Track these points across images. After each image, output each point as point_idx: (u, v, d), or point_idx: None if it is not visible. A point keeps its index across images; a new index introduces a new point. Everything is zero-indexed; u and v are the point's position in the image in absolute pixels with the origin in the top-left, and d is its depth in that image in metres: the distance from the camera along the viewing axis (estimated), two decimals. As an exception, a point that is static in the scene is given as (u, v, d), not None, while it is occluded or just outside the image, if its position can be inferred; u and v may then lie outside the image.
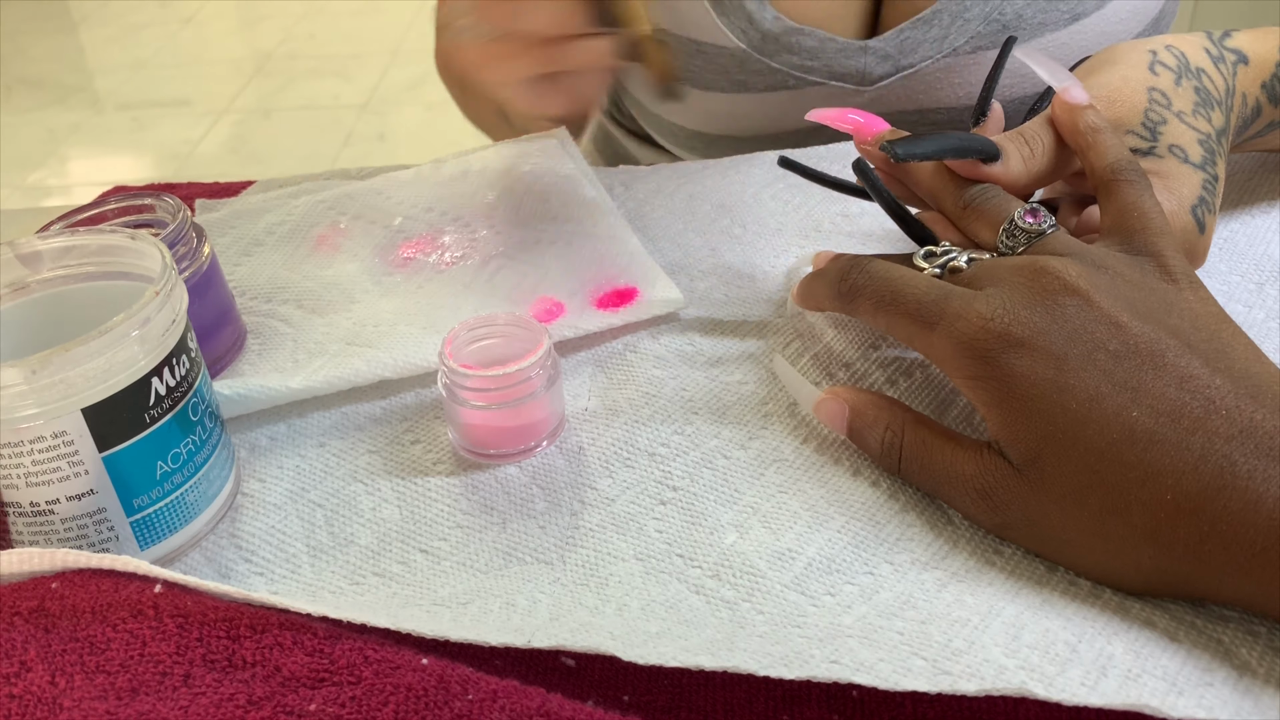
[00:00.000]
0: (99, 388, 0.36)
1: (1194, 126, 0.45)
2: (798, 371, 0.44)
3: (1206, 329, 0.36)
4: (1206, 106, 0.46)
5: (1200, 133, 0.45)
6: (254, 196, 0.60)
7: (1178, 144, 0.45)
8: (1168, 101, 0.45)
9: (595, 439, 0.44)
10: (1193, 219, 0.44)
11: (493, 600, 0.37)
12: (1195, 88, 0.46)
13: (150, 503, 0.38)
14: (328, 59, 2.80)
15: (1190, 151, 0.45)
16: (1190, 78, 0.46)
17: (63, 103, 2.71)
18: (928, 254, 0.42)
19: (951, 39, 0.63)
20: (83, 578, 0.34)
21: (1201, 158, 0.45)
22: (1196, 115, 0.45)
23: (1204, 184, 0.44)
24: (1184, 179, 0.44)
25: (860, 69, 0.65)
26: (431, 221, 0.56)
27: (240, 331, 0.50)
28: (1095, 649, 0.32)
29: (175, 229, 0.45)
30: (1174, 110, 0.45)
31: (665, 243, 0.56)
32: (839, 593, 0.36)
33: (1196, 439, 0.33)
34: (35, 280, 0.42)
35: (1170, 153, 0.44)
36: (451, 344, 0.43)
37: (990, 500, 0.36)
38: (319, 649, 0.32)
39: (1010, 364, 0.36)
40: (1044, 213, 0.40)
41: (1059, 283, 0.37)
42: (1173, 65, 0.46)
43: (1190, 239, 0.44)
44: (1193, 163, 0.44)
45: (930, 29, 0.63)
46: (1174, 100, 0.45)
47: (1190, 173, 0.44)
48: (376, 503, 0.41)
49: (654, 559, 0.38)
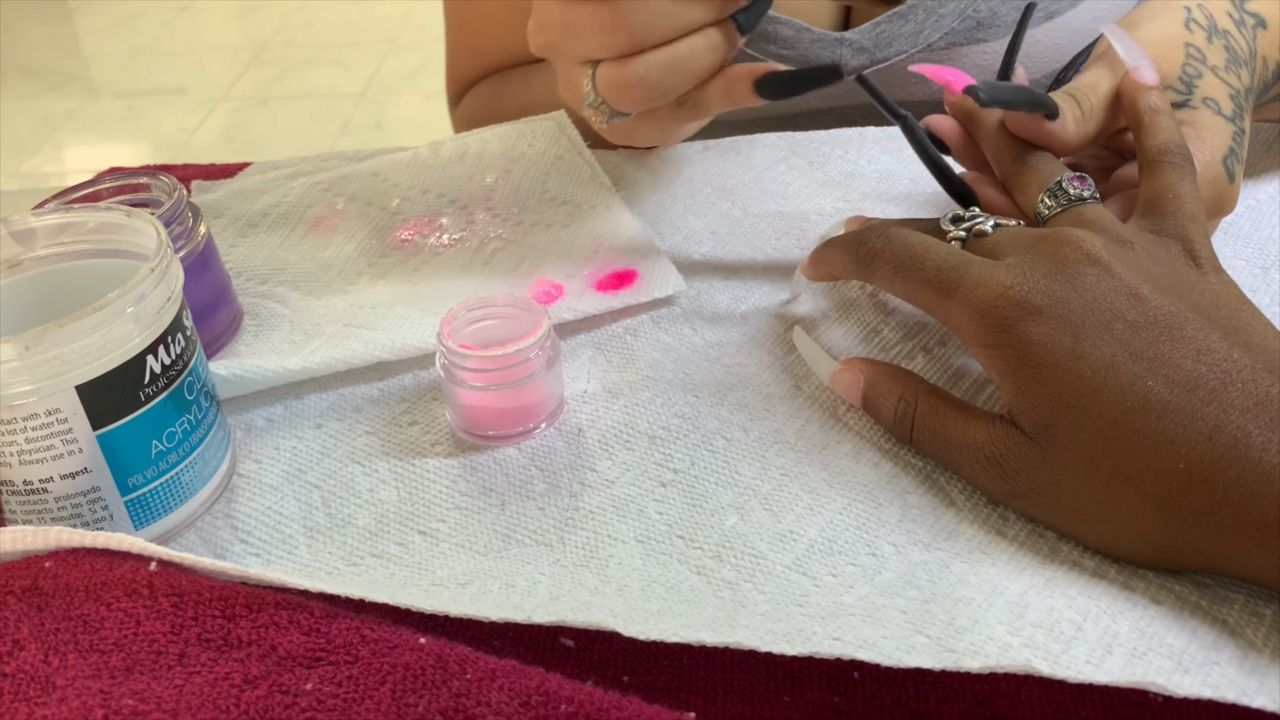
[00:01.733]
0: (93, 365, 0.35)
1: (1226, 81, 0.46)
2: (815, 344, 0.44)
3: (1227, 307, 0.36)
4: (1236, 64, 0.47)
5: (1231, 87, 0.46)
6: (250, 178, 0.59)
7: (1211, 96, 0.45)
8: (1202, 56, 0.46)
9: (595, 421, 0.43)
10: (1223, 169, 0.44)
11: (492, 581, 0.36)
12: (1225, 46, 0.47)
13: (145, 482, 0.38)
14: (325, 47, 2.79)
15: (1222, 104, 0.45)
16: (1219, 37, 0.47)
17: (58, 90, 2.70)
18: (954, 218, 0.42)
19: (926, 34, 0.63)
20: (76, 556, 0.34)
21: (1232, 111, 0.45)
22: (1229, 71, 0.46)
23: (1234, 136, 0.45)
24: (1216, 130, 0.44)
25: (835, 60, 0.65)
26: (429, 204, 0.56)
27: (236, 312, 0.49)
28: (1100, 627, 0.32)
29: (171, 207, 0.45)
30: (1209, 65, 0.46)
31: (665, 225, 0.55)
32: (841, 573, 0.35)
33: (1211, 410, 0.33)
34: (29, 258, 0.41)
35: (1204, 105, 0.45)
36: (450, 324, 0.43)
37: (1001, 468, 0.36)
38: (315, 628, 0.31)
39: (1027, 332, 0.36)
40: (1090, 182, 0.42)
41: (1080, 252, 0.37)
42: (1204, 23, 0.47)
43: (1221, 188, 0.44)
44: (1224, 115, 0.45)
45: (905, 23, 0.62)
46: (1208, 55, 0.46)
47: (1222, 124, 0.45)
48: (374, 484, 0.41)
49: (654, 541, 0.37)
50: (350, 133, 2.35)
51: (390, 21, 2.86)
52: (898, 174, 0.58)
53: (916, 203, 0.55)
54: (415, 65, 2.64)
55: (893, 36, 0.63)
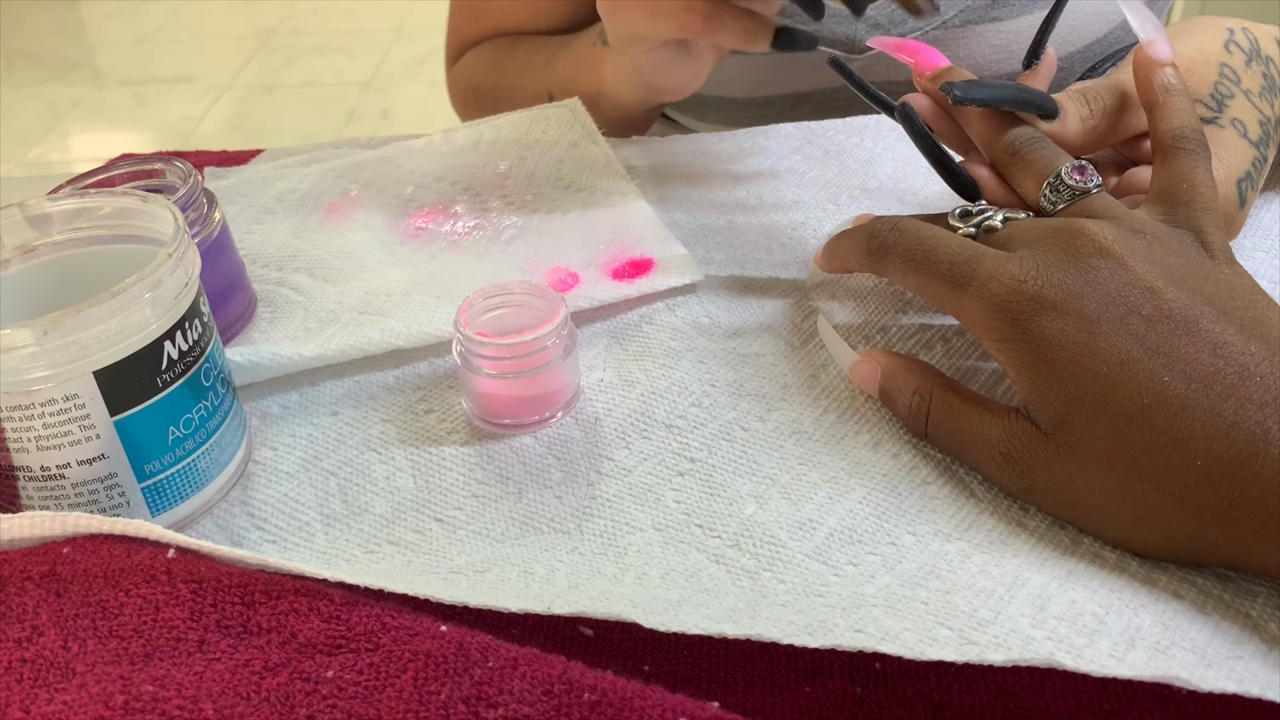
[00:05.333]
0: (111, 350, 0.35)
1: (1257, 106, 0.45)
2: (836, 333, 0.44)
3: (1242, 298, 0.36)
4: (1271, 92, 0.46)
5: (1262, 114, 0.45)
6: (264, 165, 0.59)
7: (1240, 118, 0.45)
8: (1237, 79, 0.45)
9: (611, 410, 0.43)
10: (1236, 191, 0.44)
11: (510, 569, 0.36)
12: (1263, 73, 0.46)
13: (162, 468, 0.38)
14: (331, 35, 2.78)
15: (1250, 128, 0.45)
16: (1260, 63, 0.46)
17: (64, 78, 2.70)
18: (963, 213, 0.41)
19: (942, 11, 0.62)
20: (94, 543, 0.34)
21: (1259, 136, 0.45)
22: (1262, 98, 0.46)
23: (1254, 161, 0.44)
24: (1237, 151, 0.44)
25: (850, 35, 0.64)
26: (443, 191, 0.55)
27: (251, 299, 0.49)
28: (1123, 621, 0.32)
29: (187, 193, 0.44)
30: (1242, 88, 0.45)
31: (681, 214, 0.55)
32: (861, 563, 0.35)
33: (1229, 405, 0.32)
34: (45, 243, 0.41)
35: (1231, 125, 0.44)
36: (467, 312, 0.42)
37: (1016, 465, 0.36)
38: (335, 615, 0.31)
39: (1042, 326, 0.35)
40: (1091, 170, 0.40)
41: (1093, 245, 0.36)
42: (1245, 47, 0.46)
43: (1230, 210, 0.44)
44: (1249, 139, 0.45)
45: None
46: (1243, 79, 0.46)
47: (1245, 147, 0.44)
48: (390, 471, 0.41)
49: (673, 529, 0.37)
50: (356, 121, 2.35)
51: (396, 9, 2.86)
52: (915, 160, 0.57)
53: (935, 189, 0.55)
54: (422, 53, 2.64)
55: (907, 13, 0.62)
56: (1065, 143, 0.43)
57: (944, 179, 0.45)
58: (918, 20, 0.44)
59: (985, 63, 0.63)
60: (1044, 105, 0.42)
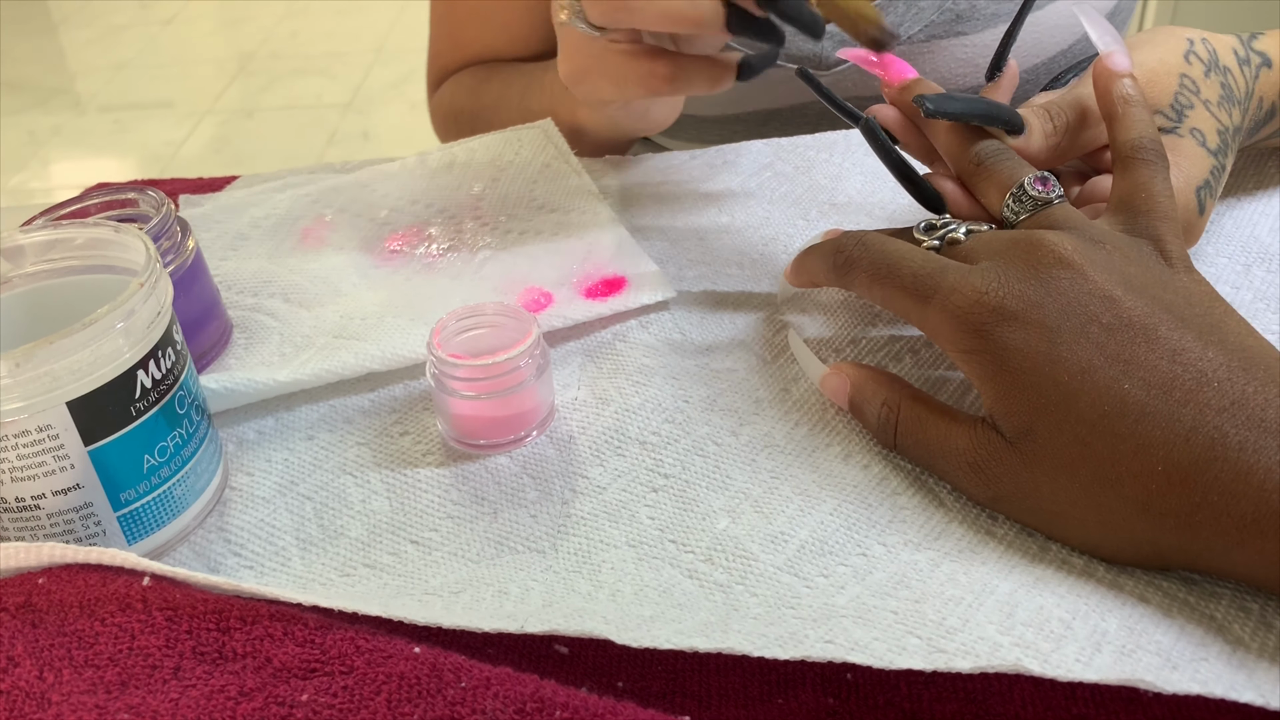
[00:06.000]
0: (84, 380, 0.35)
1: (1216, 116, 0.46)
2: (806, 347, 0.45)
3: (1200, 305, 0.36)
4: (1229, 102, 0.47)
5: (1220, 123, 0.46)
6: (238, 191, 0.60)
7: (1199, 128, 0.45)
8: (1197, 89, 0.46)
9: (586, 428, 0.43)
10: (1195, 199, 0.44)
11: (485, 589, 0.36)
12: (1221, 83, 0.47)
13: (137, 497, 0.38)
14: (311, 58, 2.79)
15: (1209, 137, 0.45)
16: (1218, 73, 0.47)
17: (44, 105, 2.70)
18: (927, 226, 0.42)
19: (906, 27, 0.63)
20: (70, 572, 0.34)
21: (1217, 145, 0.46)
22: (1220, 107, 0.46)
23: (1212, 170, 0.45)
24: (1196, 160, 0.45)
25: (817, 53, 0.65)
26: (418, 214, 0.56)
27: (226, 326, 0.49)
28: (1090, 625, 0.32)
29: (159, 222, 0.45)
30: (1201, 98, 0.46)
31: (653, 232, 0.55)
32: (832, 574, 0.36)
33: (1188, 411, 0.33)
34: (18, 275, 0.41)
35: (1191, 134, 0.45)
36: (440, 334, 0.43)
37: (983, 474, 0.36)
38: (310, 639, 0.31)
39: (1004, 337, 0.36)
40: (1054, 182, 0.41)
41: (1053, 256, 0.37)
42: (1205, 58, 0.47)
43: (1189, 217, 0.44)
44: (1208, 148, 0.45)
45: (885, 16, 0.63)
46: (1202, 89, 0.46)
47: (1203, 156, 0.45)
48: (366, 495, 0.41)
49: (646, 545, 0.38)
50: (337, 143, 2.35)
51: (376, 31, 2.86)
52: (883, 174, 0.58)
53: (903, 203, 0.56)
54: (402, 75, 2.64)
55: None
56: (1029, 157, 0.44)
57: (908, 191, 0.45)
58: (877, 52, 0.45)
59: (950, 76, 0.64)
60: (1011, 120, 0.43)
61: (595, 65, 0.47)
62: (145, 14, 3.15)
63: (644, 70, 0.46)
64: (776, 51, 0.47)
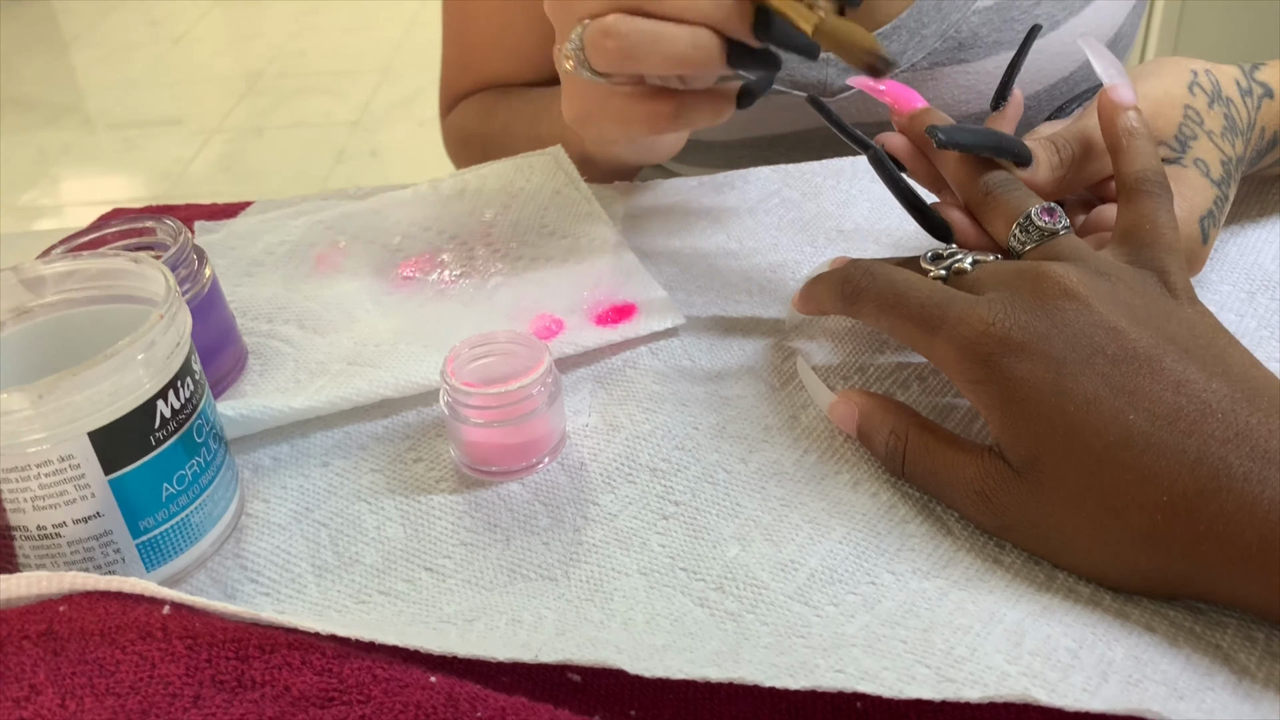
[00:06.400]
0: (105, 411, 0.36)
1: (1219, 147, 0.47)
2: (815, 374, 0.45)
3: (1204, 336, 0.37)
4: (1232, 133, 0.48)
5: (1224, 154, 0.47)
6: (253, 218, 0.60)
7: (1203, 158, 0.46)
8: (1200, 120, 0.47)
9: (597, 455, 0.44)
10: (1199, 228, 0.45)
11: (498, 617, 0.37)
12: (1225, 114, 0.48)
13: (156, 525, 0.38)
14: (319, 77, 2.81)
15: (1212, 168, 0.46)
16: (1221, 104, 0.48)
17: (54, 123, 2.72)
18: (934, 256, 0.43)
19: (909, 55, 0.64)
20: (90, 600, 0.34)
21: (1220, 176, 0.46)
22: (1224, 138, 0.47)
23: (1216, 200, 0.46)
24: (1199, 190, 0.45)
25: (821, 79, 0.66)
26: (430, 240, 0.57)
27: (242, 352, 0.50)
28: (1096, 654, 0.33)
29: (177, 251, 0.45)
30: (1205, 129, 0.47)
31: (662, 259, 0.56)
32: (841, 602, 0.36)
33: (1192, 442, 0.33)
34: (38, 304, 0.42)
35: (1195, 165, 0.46)
36: (454, 362, 0.43)
37: (991, 502, 0.37)
38: (328, 668, 0.32)
39: (1010, 368, 0.37)
40: (1060, 213, 0.42)
41: (1059, 287, 0.38)
42: (1208, 89, 0.48)
43: (1193, 246, 0.45)
44: (1212, 178, 0.46)
45: (889, 44, 0.64)
46: (1206, 120, 0.47)
47: (1207, 186, 0.45)
48: (381, 521, 0.42)
49: (658, 573, 0.38)
50: (345, 161, 2.37)
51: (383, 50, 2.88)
52: (889, 201, 0.59)
53: (909, 229, 0.56)
54: (409, 93, 2.66)
55: None
56: (1036, 188, 0.45)
57: (916, 220, 0.46)
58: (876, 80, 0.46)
59: (954, 103, 0.65)
60: (1019, 153, 0.44)
61: (599, 109, 0.48)
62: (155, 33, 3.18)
63: (648, 110, 0.47)
64: (773, 76, 0.48)
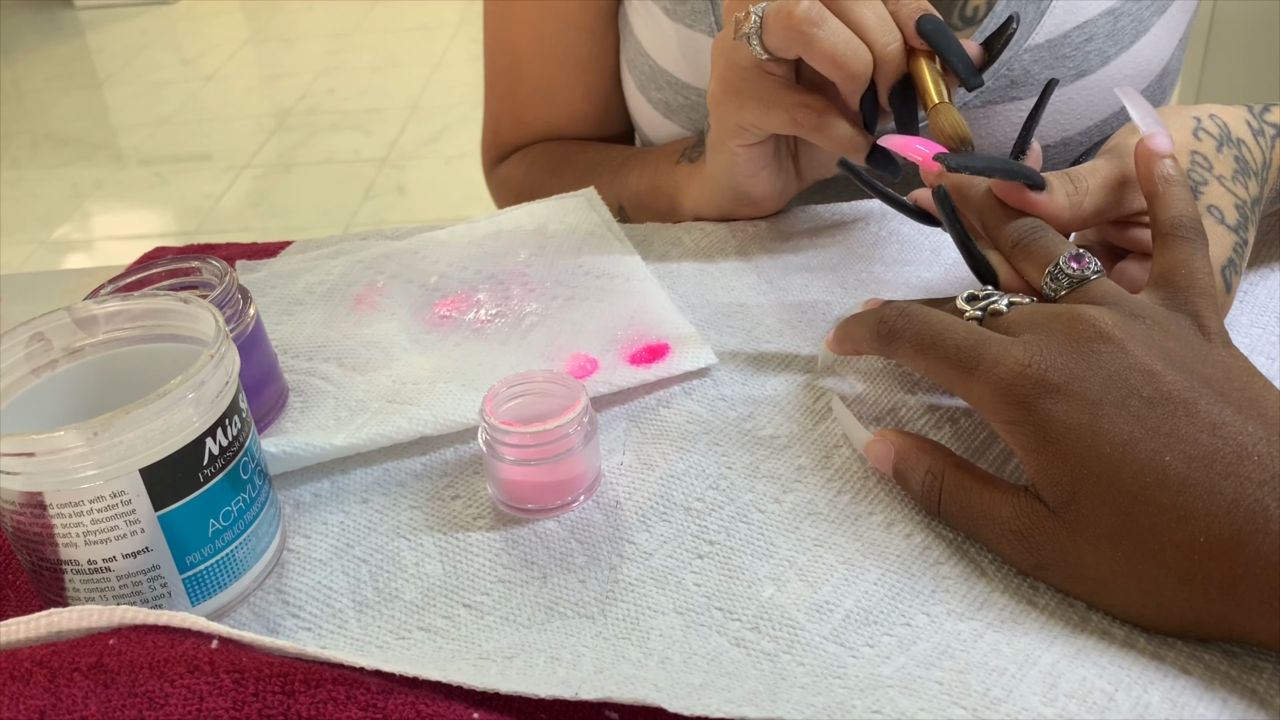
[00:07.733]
0: (156, 448, 0.37)
1: (1232, 191, 0.47)
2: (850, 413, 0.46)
3: (1238, 380, 0.37)
4: (1244, 175, 0.48)
5: (1237, 198, 0.47)
6: (293, 257, 0.62)
7: (1216, 205, 0.46)
8: (1209, 165, 0.47)
9: (631, 493, 0.45)
10: (1221, 279, 0.45)
11: (537, 654, 0.37)
12: (1235, 156, 0.48)
13: (202, 560, 0.39)
14: (347, 114, 2.85)
15: (1227, 214, 0.46)
16: (1231, 146, 0.48)
17: (87, 159, 2.77)
18: (970, 297, 0.43)
19: (963, 93, 0.64)
20: (139, 634, 0.35)
21: (1236, 221, 0.46)
22: (1235, 181, 0.47)
23: (1235, 246, 0.46)
24: (1218, 239, 0.45)
25: None
26: (466, 280, 0.58)
27: (283, 390, 0.51)
28: (1132, 697, 0.33)
29: (223, 291, 0.47)
30: (1215, 174, 0.47)
31: (694, 299, 0.57)
32: (877, 644, 0.36)
33: (1229, 484, 0.34)
34: (89, 343, 0.43)
35: (1208, 213, 0.46)
36: (492, 400, 0.44)
37: (1026, 542, 0.37)
38: (372, 703, 0.32)
39: (1046, 409, 0.37)
40: (1089, 258, 0.42)
41: (1094, 330, 0.38)
42: (1215, 133, 0.48)
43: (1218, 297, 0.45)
44: (1227, 224, 0.46)
45: None
46: (1215, 165, 0.47)
47: (1224, 234, 0.46)
48: (419, 558, 0.42)
49: (694, 612, 0.39)
50: (373, 197, 2.40)
51: (411, 89, 2.93)
52: (918, 244, 0.59)
53: (938, 270, 0.57)
54: (436, 130, 2.70)
55: None
56: (1053, 215, 0.44)
57: (967, 262, 0.47)
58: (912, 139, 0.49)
59: (1006, 140, 0.65)
60: (1030, 176, 0.44)
61: (747, 87, 0.49)
62: (187, 71, 3.24)
63: (797, 99, 0.48)
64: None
